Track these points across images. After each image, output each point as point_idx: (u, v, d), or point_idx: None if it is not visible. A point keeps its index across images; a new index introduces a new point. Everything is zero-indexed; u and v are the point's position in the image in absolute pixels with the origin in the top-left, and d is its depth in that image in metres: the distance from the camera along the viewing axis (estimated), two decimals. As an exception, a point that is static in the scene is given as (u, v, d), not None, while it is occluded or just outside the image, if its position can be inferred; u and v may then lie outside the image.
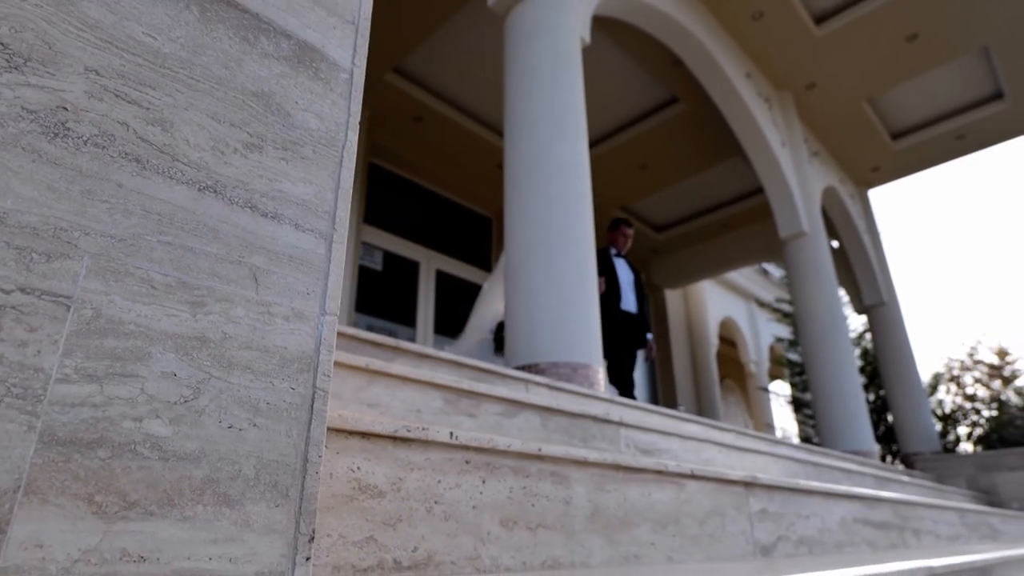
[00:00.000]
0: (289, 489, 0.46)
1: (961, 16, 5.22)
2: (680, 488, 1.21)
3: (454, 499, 0.82)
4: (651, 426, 1.84)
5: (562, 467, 0.98)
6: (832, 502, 1.79)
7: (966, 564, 1.28)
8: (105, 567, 0.37)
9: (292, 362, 0.49)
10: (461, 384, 1.32)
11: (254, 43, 0.55)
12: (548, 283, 2.44)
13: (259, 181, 0.51)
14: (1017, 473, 5.34)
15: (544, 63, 2.84)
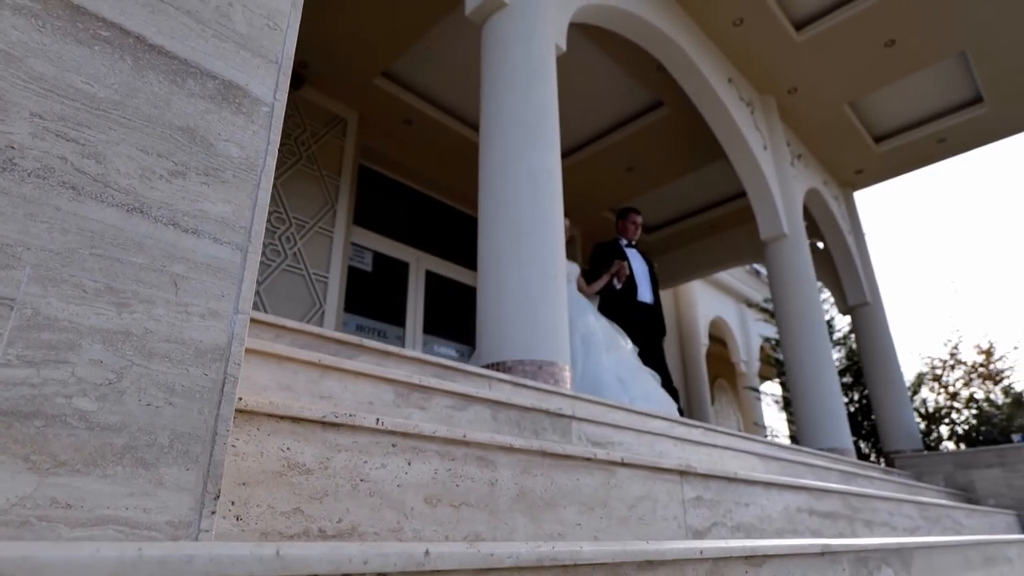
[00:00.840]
0: (199, 456, 0.56)
1: (937, 22, 5.33)
2: (610, 474, 1.31)
3: (379, 478, 0.92)
4: (605, 420, 1.94)
5: (488, 452, 1.09)
6: (775, 492, 1.89)
7: (880, 546, 1.38)
8: (38, 511, 0.47)
9: (206, 353, 0.59)
10: (412, 379, 1.42)
11: (182, 85, 0.65)
12: (516, 284, 2.54)
13: (182, 202, 0.61)
14: (993, 470, 5.45)
15: (517, 71, 2.94)
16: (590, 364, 3.41)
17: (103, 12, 0.61)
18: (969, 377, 7.20)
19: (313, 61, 5.61)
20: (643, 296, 4.46)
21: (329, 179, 5.86)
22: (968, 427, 7.06)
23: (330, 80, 5.84)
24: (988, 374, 7.41)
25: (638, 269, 4.56)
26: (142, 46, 0.63)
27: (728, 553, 0.88)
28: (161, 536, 0.51)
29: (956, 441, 7.27)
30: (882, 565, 1.36)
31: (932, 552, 1.69)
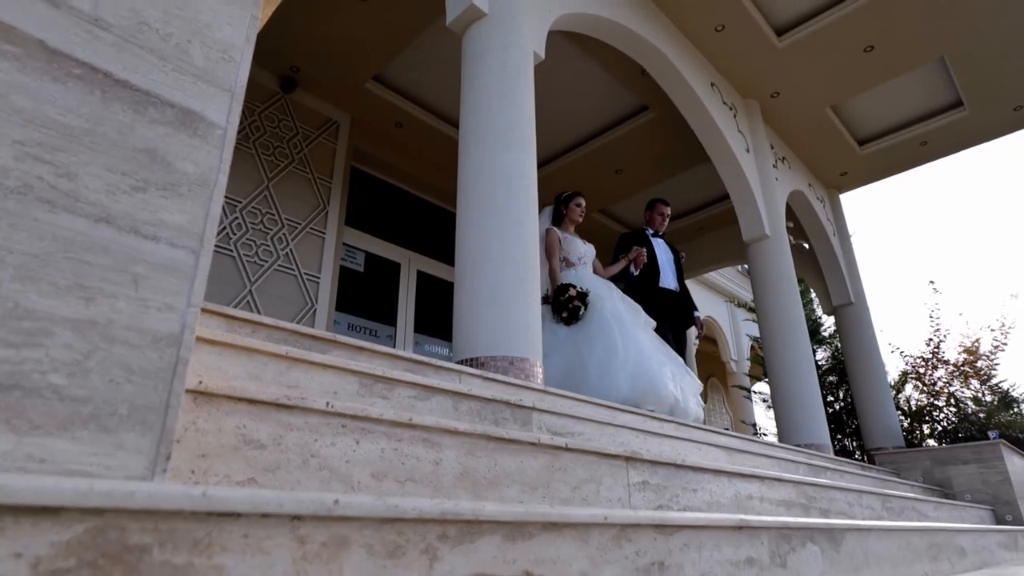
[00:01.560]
0: (153, 424, 0.67)
1: (915, 29, 5.45)
2: (554, 458, 1.43)
3: (329, 454, 1.03)
4: (568, 412, 2.06)
5: (433, 434, 1.20)
6: (725, 479, 2.00)
7: (805, 524, 1.49)
8: (17, 463, 0.58)
9: (161, 339, 0.71)
10: (375, 371, 1.53)
11: (144, 113, 0.76)
12: (489, 284, 2.66)
13: (143, 213, 0.73)
14: (969, 466, 5.58)
15: (493, 80, 3.06)
16: (628, 338, 3.47)
17: (75, 54, 0.72)
18: (952, 376, 7.32)
19: (305, 65, 5.73)
20: (666, 283, 4.57)
21: (321, 181, 5.97)
22: (949, 425, 7.18)
23: (322, 84, 5.95)
24: (975, 372, 7.52)
25: (663, 257, 4.67)
26: (109, 81, 0.74)
27: (636, 520, 0.99)
28: (119, 487, 0.62)
29: (939, 439, 7.39)
30: (807, 543, 1.47)
31: (868, 535, 1.80)
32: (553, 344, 3.59)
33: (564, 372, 3.42)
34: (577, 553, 0.88)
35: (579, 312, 3.63)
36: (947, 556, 2.40)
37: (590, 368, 3.36)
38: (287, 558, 0.59)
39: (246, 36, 0.91)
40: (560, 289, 3.73)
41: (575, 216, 4.35)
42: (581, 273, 4.00)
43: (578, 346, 3.52)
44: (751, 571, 1.24)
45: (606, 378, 3.29)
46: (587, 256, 4.17)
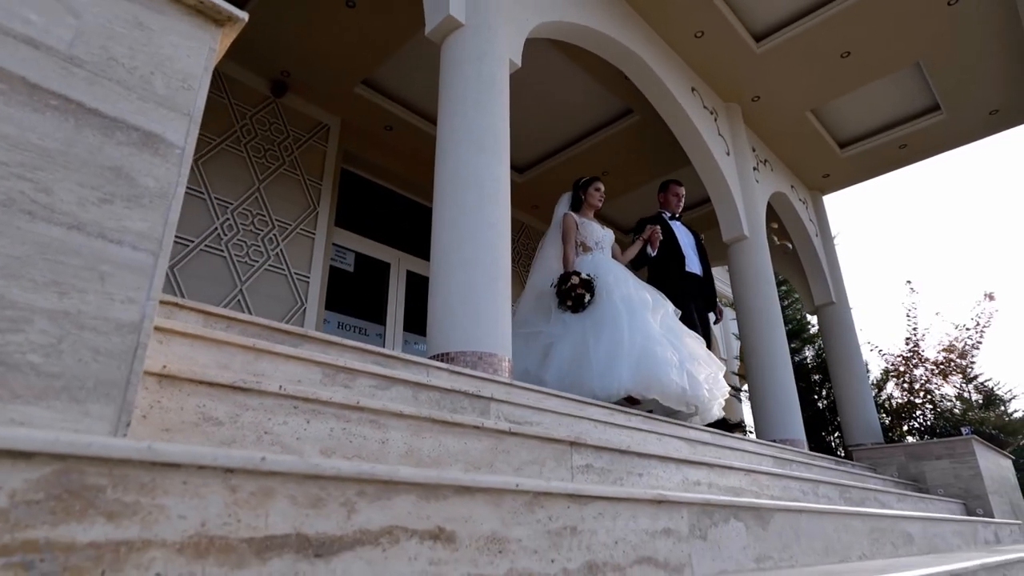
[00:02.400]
0: (116, 397, 0.81)
1: (889, 35, 5.60)
2: (498, 441, 1.57)
3: (281, 432, 1.17)
4: (528, 403, 2.20)
5: (381, 417, 1.34)
6: (672, 466, 2.14)
7: (731, 502, 1.63)
8: (1, 429, 0.72)
9: (124, 327, 0.85)
10: (338, 362, 1.67)
11: (111, 136, 0.90)
12: (461, 284, 2.79)
13: (110, 221, 0.87)
14: (942, 461, 5.72)
15: (468, 88, 3.20)
16: (636, 324, 3.38)
17: (52, 87, 0.86)
18: (932, 374, 7.47)
19: (296, 70, 5.86)
20: (691, 267, 4.48)
21: (311, 183, 6.10)
22: (928, 423, 7.33)
23: (312, 88, 6.09)
24: (954, 370, 7.67)
25: (684, 241, 4.57)
26: (82, 110, 0.88)
27: (548, 489, 1.13)
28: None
29: (920, 436, 7.54)
30: (731, 519, 1.61)
31: (800, 516, 1.94)
32: (560, 333, 3.53)
33: (570, 362, 3.35)
34: (489, 514, 1.02)
35: (584, 300, 3.56)
36: (890, 540, 2.54)
37: (594, 359, 3.29)
38: (220, 502, 0.73)
39: (204, 66, 1.05)
40: (563, 278, 3.66)
41: (594, 201, 4.37)
42: (598, 258, 3.94)
43: (585, 334, 3.44)
44: (668, 540, 1.38)
45: (610, 371, 3.21)
46: (605, 241, 4.12)
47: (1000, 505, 5.71)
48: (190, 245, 4.97)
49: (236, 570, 0.73)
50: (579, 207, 4.31)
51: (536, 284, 4.04)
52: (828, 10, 5.33)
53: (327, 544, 0.82)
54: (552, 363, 3.44)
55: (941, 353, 7.46)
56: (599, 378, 3.20)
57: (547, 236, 4.32)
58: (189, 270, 4.92)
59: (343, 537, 0.84)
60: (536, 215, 8.55)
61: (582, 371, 3.27)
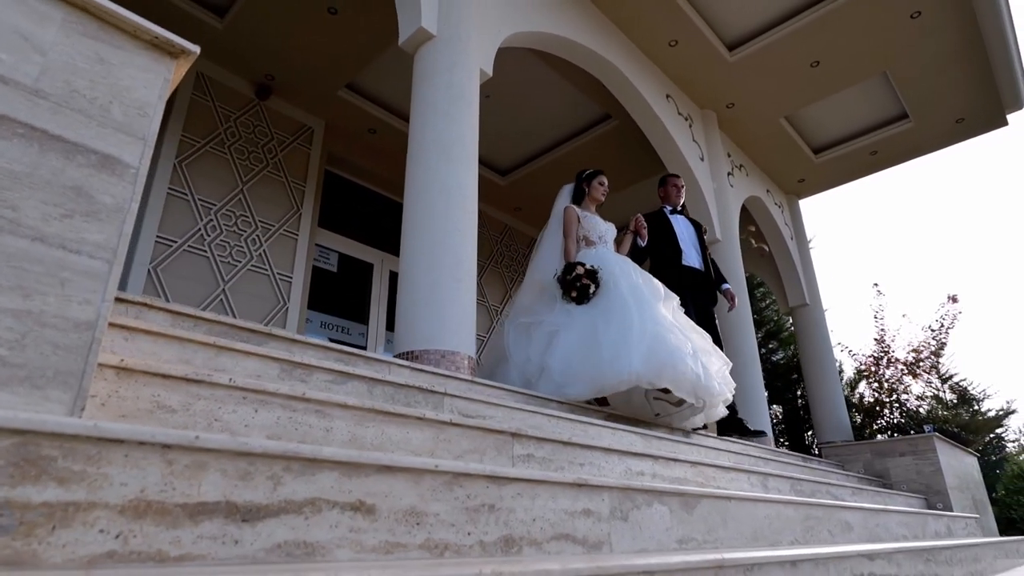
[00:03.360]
0: (72, 385, 0.95)
1: (856, 46, 5.78)
2: (440, 431, 1.71)
3: (230, 419, 1.31)
4: (480, 398, 2.34)
5: (326, 407, 1.48)
6: (615, 457, 2.29)
7: (653, 487, 1.78)
8: (-28, 407, 0.86)
9: (81, 324, 0.98)
10: (295, 358, 1.81)
11: (72, 159, 1.04)
12: (427, 286, 2.93)
13: (69, 233, 1.00)
14: (905, 458, 5.91)
15: (439, 98, 3.34)
16: (646, 312, 3.28)
17: (20, 117, 0.99)
18: (901, 374, 7.67)
19: (280, 73, 5.98)
20: (689, 260, 4.37)
21: (295, 185, 6.22)
22: (896, 422, 7.53)
23: (297, 91, 6.21)
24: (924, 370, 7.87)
25: (683, 234, 4.46)
26: (46, 136, 1.02)
27: (467, 471, 1.27)
28: (45, 427, 0.89)
29: (890, 434, 7.74)
30: (654, 503, 1.76)
31: (728, 503, 2.09)
32: (566, 322, 3.44)
33: (577, 349, 3.25)
34: (408, 491, 1.16)
35: (589, 291, 3.45)
36: (827, 528, 2.69)
37: (603, 346, 3.17)
38: (157, 473, 0.87)
39: (159, 95, 1.18)
40: (568, 267, 3.56)
41: (598, 195, 4.26)
42: (601, 252, 3.83)
43: (594, 322, 3.32)
44: (588, 520, 1.52)
45: (620, 357, 3.08)
46: (608, 235, 4.03)
47: (961, 500, 5.90)
48: (173, 245, 5.09)
49: (171, 529, 0.87)
50: (580, 200, 4.20)
51: (536, 279, 3.91)
52: (797, 21, 5.50)
53: (254, 511, 0.96)
54: (557, 349, 3.30)
55: (910, 354, 7.66)
56: (608, 364, 3.06)
57: (546, 230, 4.17)
58: (172, 270, 5.03)
59: (269, 506, 0.98)
60: (519, 217, 8.70)
61: (590, 358, 3.14)
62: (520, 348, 3.54)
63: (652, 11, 5.33)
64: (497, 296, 8.14)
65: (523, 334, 3.62)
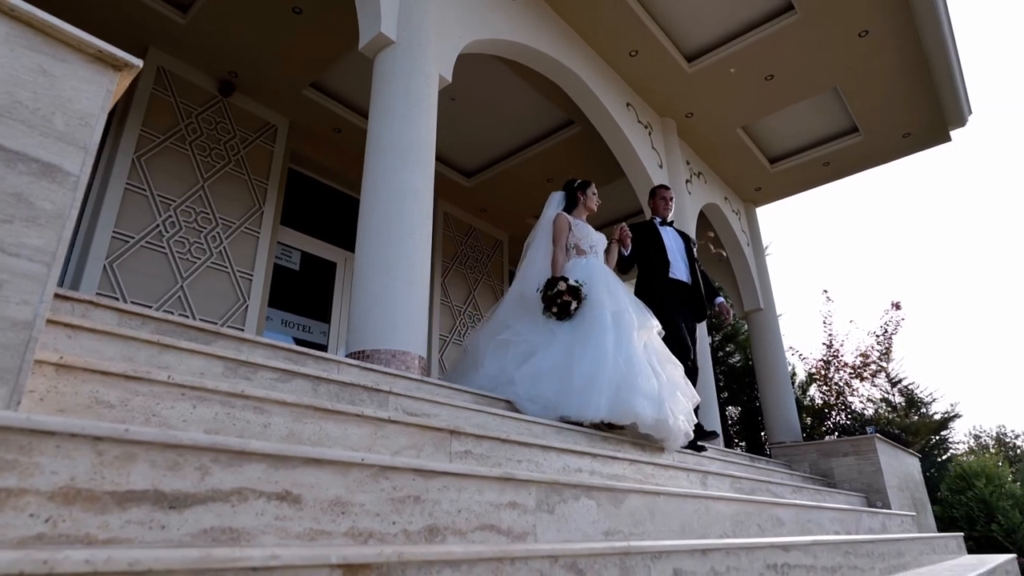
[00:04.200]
0: (10, 380, 1.01)
1: (807, 62, 6.01)
2: (378, 428, 1.79)
3: (169, 415, 1.37)
4: (427, 397, 2.42)
5: (264, 404, 1.55)
6: (553, 454, 2.40)
7: (579, 482, 1.88)
8: (-91, 401, 0.92)
9: (19, 324, 1.04)
10: (240, 356, 1.87)
11: (14, 167, 1.10)
12: (380, 287, 3.01)
13: (9, 238, 1.06)
14: (849, 458, 6.17)
15: (396, 102, 3.41)
16: (622, 346, 3.22)
17: (-37, 128, 1.05)
18: (850, 377, 7.97)
19: (243, 71, 5.96)
20: (677, 274, 4.25)
21: (257, 182, 6.21)
22: (843, 424, 7.83)
23: (261, 89, 6.19)
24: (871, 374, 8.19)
25: (672, 246, 4.35)
26: (-12, 145, 1.07)
27: (394, 464, 1.35)
28: (-19, 420, 0.96)
29: (837, 435, 8.03)
30: (581, 497, 1.86)
31: (658, 498, 2.21)
32: (545, 342, 3.34)
33: (549, 372, 3.17)
34: (335, 482, 1.24)
35: (570, 307, 3.36)
36: (756, 523, 2.84)
37: (575, 376, 3.12)
38: (88, 463, 0.94)
39: (101, 106, 1.24)
40: (550, 283, 3.44)
41: (591, 204, 4.15)
42: (592, 263, 3.74)
43: (571, 346, 3.26)
44: (513, 512, 1.62)
45: (589, 395, 3.06)
46: (599, 245, 3.92)
47: (900, 499, 6.18)
48: (130, 241, 5.05)
49: (99, 515, 0.94)
50: (572, 209, 4.07)
51: (522, 288, 3.80)
52: (751, 36, 5.70)
53: (181, 499, 1.03)
54: (529, 367, 3.23)
55: (858, 358, 7.97)
56: (577, 397, 3.05)
57: (535, 238, 4.03)
58: (129, 266, 5.00)
59: (196, 494, 1.05)
60: (484, 218, 8.78)
61: (561, 387, 3.10)
62: (495, 360, 3.43)
63: (613, 22, 5.48)
64: (460, 297, 8.22)
65: (500, 350, 3.51)
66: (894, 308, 7.98)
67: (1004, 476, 9.15)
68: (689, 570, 1.60)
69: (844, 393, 7.81)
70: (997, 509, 8.40)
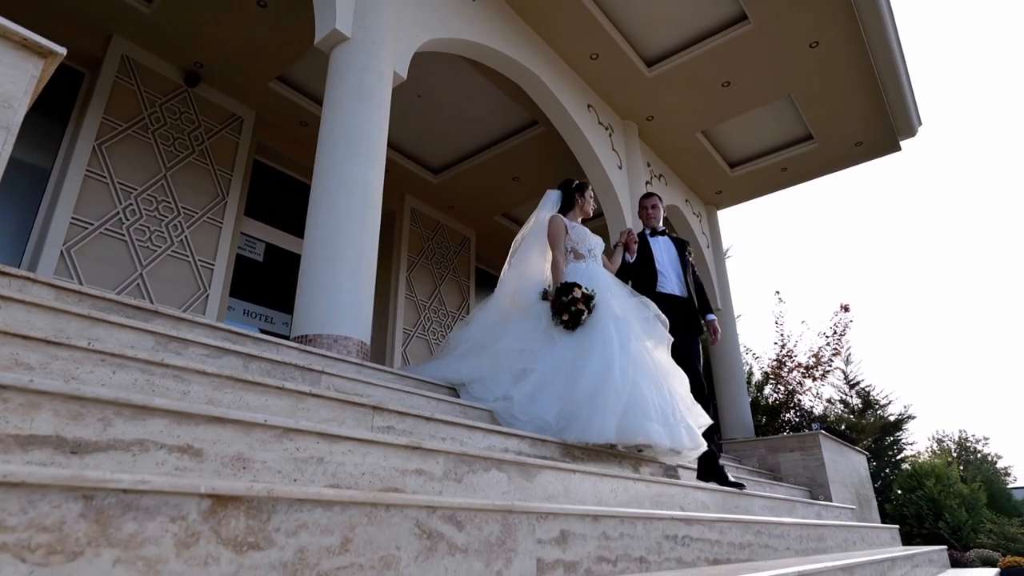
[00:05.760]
0: (-75, 336, 1.11)
1: (761, 70, 6.23)
2: (299, 400, 1.90)
3: (88, 378, 1.48)
4: (363, 379, 2.53)
5: (184, 373, 1.65)
6: (480, 434, 2.53)
7: (489, 455, 2.02)
8: None
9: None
10: (170, 332, 1.97)
11: (-64, 143, 1.20)
12: (326, 275, 3.11)
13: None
14: (795, 454, 6.40)
15: (348, 98, 3.51)
16: (628, 359, 3.01)
17: None
18: (803, 377, 8.24)
19: (209, 62, 6.00)
20: (667, 286, 4.01)
21: (221, 173, 6.25)
22: (794, 422, 8.09)
23: (226, 80, 6.24)
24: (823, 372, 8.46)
25: (663, 257, 4.13)
26: (-89, 122, 1.18)
27: (297, 427, 1.47)
28: None
29: (788, 433, 8.29)
30: (492, 469, 2.00)
31: (572, 476, 2.35)
32: (544, 351, 3.15)
33: (548, 387, 2.98)
34: (237, 440, 1.36)
35: (581, 316, 3.17)
36: (679, 505, 2.99)
37: (579, 391, 2.91)
38: (-8, 408, 1.04)
39: (25, 90, 1.35)
40: (565, 288, 3.24)
41: (588, 207, 3.96)
42: (592, 267, 3.56)
43: (572, 361, 3.05)
44: (420, 479, 1.75)
45: (595, 414, 2.83)
46: (597, 248, 3.74)
47: (842, 493, 6.43)
48: (89, 228, 5.08)
49: (2, 454, 1.05)
50: (568, 211, 3.87)
51: (513, 293, 3.61)
52: (708, 44, 5.90)
53: (83, 446, 1.15)
54: (528, 385, 3.03)
55: (810, 358, 8.25)
56: (584, 420, 2.82)
57: (526, 239, 3.81)
58: (87, 252, 5.02)
59: (98, 442, 1.16)
60: (452, 215, 8.89)
61: (563, 407, 2.90)
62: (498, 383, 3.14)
63: (573, 25, 5.63)
64: (426, 291, 8.31)
65: (493, 355, 3.27)
66: (843, 310, 8.27)
67: (953, 476, 9.50)
68: (578, 532, 1.74)
69: (796, 392, 8.07)
70: (944, 507, 8.73)
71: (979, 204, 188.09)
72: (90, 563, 0.78)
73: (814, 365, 8.19)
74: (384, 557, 1.15)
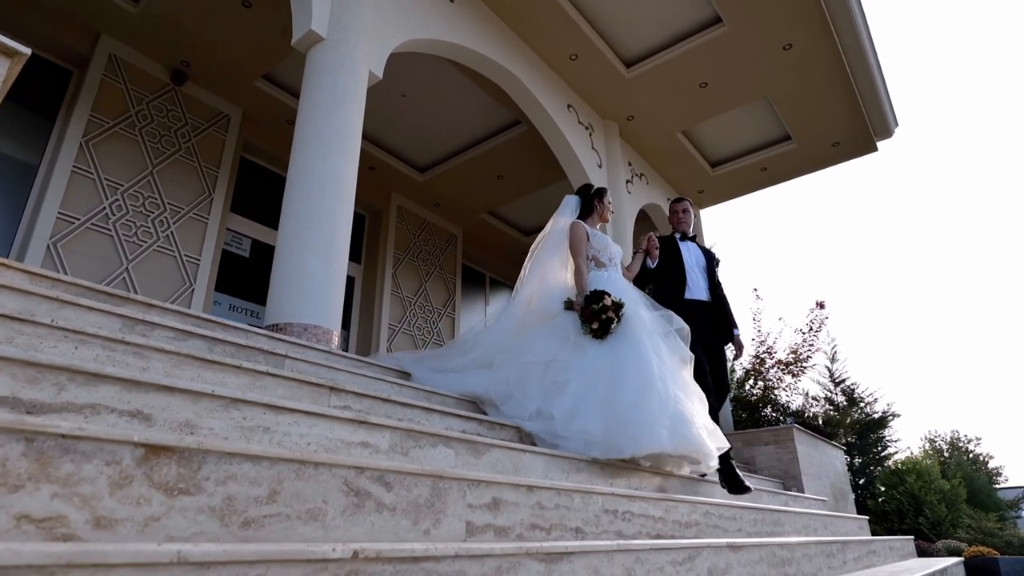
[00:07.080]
0: None
1: (738, 71, 6.37)
2: (256, 379, 2.03)
3: (52, 353, 1.60)
4: (323, 363, 2.66)
5: (144, 351, 1.78)
6: (437, 416, 2.65)
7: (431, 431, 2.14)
8: None
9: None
10: (136, 315, 2.09)
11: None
12: (298, 266, 3.24)
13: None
14: (769, 447, 6.54)
15: (323, 96, 3.64)
16: (667, 373, 2.94)
17: None
18: (783, 372, 8.39)
19: (196, 61, 6.12)
20: (694, 293, 3.97)
21: (208, 170, 6.37)
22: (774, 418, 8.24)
23: (213, 79, 6.35)
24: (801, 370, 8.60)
25: (691, 263, 4.08)
26: None
27: (245, 397, 1.60)
28: None
29: (771, 427, 8.44)
30: (439, 445, 2.12)
31: (523, 455, 2.48)
32: (576, 363, 3.03)
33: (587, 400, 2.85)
34: (186, 407, 1.49)
35: (611, 325, 3.10)
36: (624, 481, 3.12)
37: (622, 402, 2.79)
38: (-46, 370, 1.17)
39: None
40: (595, 296, 3.17)
41: (607, 214, 3.87)
42: (614, 276, 3.47)
43: (611, 370, 2.94)
44: (365, 451, 1.87)
45: (643, 423, 2.71)
46: (617, 257, 3.65)
47: (815, 485, 6.57)
48: (76, 223, 5.19)
49: (-39, 412, 1.17)
50: (587, 216, 3.76)
51: (529, 300, 3.54)
52: (684, 45, 6.04)
53: (38, 407, 1.27)
54: (565, 400, 2.92)
55: (790, 355, 8.40)
56: (634, 429, 2.72)
57: (544, 246, 3.72)
58: (73, 247, 5.14)
59: (52, 404, 1.29)
60: (439, 213, 9.01)
61: (607, 415, 2.78)
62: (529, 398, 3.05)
63: (552, 27, 5.76)
64: (412, 288, 8.44)
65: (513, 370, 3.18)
66: (819, 307, 8.42)
67: (934, 473, 9.65)
68: (511, 500, 1.86)
69: (775, 387, 8.22)
70: (925, 503, 8.89)
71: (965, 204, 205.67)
72: (30, 495, 0.90)
73: (793, 361, 8.33)
74: (311, 509, 1.27)
